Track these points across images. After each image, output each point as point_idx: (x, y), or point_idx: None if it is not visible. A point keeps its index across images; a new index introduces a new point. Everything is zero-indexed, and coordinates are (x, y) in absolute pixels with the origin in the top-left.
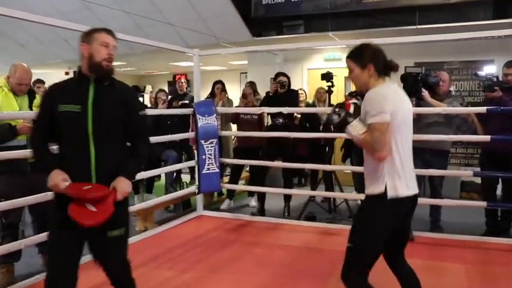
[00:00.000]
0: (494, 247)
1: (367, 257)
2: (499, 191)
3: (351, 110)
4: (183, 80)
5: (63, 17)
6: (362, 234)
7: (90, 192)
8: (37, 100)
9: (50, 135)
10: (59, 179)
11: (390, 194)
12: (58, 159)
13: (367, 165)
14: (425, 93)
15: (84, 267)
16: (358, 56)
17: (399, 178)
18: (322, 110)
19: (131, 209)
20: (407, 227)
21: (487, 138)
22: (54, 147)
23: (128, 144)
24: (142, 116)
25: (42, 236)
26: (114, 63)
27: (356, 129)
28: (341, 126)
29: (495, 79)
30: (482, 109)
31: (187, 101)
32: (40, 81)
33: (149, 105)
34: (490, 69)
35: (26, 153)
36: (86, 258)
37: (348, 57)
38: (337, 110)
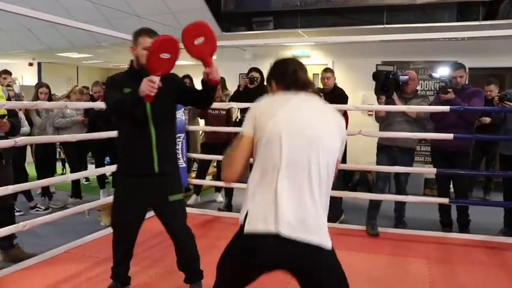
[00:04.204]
0: (453, 242)
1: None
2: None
3: None
4: None
5: (27, 5)
6: (221, 261)
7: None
8: None
9: None
10: (146, 81)
11: (246, 226)
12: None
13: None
14: (394, 96)
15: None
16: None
17: (269, 208)
18: None
19: (97, 203)
20: None
21: (449, 136)
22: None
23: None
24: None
25: (2, 232)
26: (81, 55)
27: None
28: None
29: (448, 81)
30: (446, 108)
31: None
32: (6, 72)
33: None
34: (442, 71)
35: None
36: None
37: None
38: None
